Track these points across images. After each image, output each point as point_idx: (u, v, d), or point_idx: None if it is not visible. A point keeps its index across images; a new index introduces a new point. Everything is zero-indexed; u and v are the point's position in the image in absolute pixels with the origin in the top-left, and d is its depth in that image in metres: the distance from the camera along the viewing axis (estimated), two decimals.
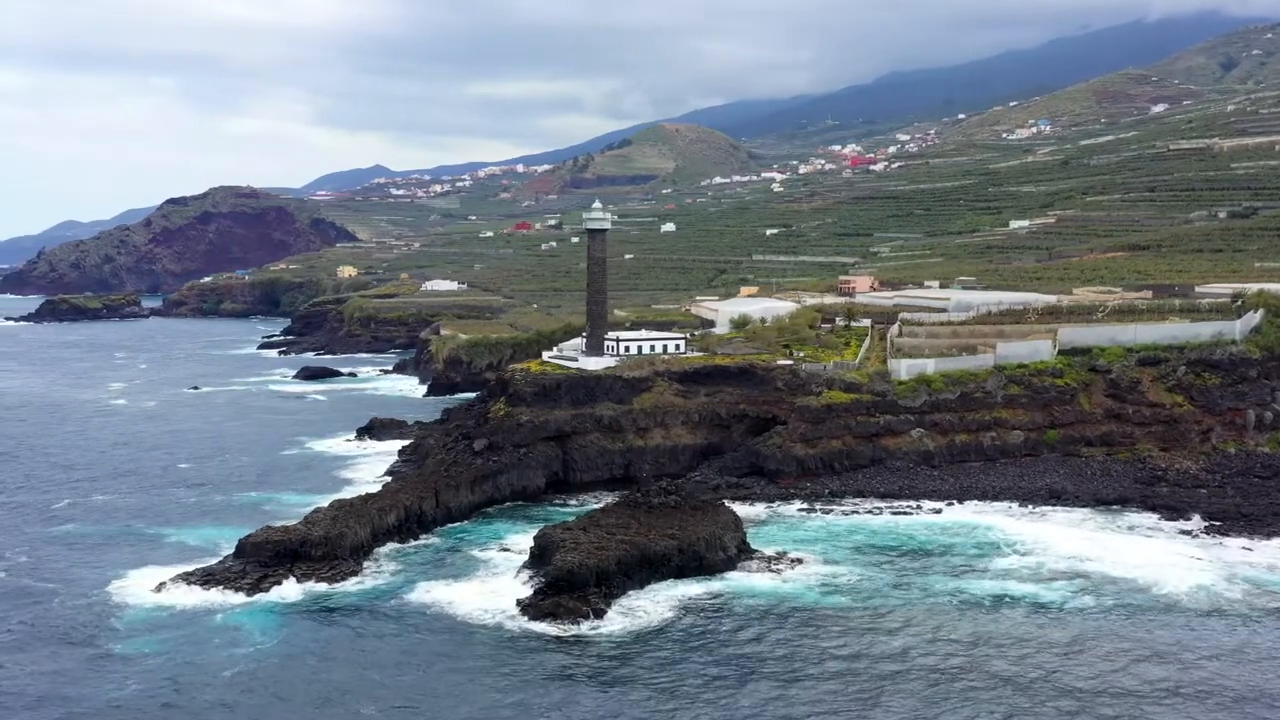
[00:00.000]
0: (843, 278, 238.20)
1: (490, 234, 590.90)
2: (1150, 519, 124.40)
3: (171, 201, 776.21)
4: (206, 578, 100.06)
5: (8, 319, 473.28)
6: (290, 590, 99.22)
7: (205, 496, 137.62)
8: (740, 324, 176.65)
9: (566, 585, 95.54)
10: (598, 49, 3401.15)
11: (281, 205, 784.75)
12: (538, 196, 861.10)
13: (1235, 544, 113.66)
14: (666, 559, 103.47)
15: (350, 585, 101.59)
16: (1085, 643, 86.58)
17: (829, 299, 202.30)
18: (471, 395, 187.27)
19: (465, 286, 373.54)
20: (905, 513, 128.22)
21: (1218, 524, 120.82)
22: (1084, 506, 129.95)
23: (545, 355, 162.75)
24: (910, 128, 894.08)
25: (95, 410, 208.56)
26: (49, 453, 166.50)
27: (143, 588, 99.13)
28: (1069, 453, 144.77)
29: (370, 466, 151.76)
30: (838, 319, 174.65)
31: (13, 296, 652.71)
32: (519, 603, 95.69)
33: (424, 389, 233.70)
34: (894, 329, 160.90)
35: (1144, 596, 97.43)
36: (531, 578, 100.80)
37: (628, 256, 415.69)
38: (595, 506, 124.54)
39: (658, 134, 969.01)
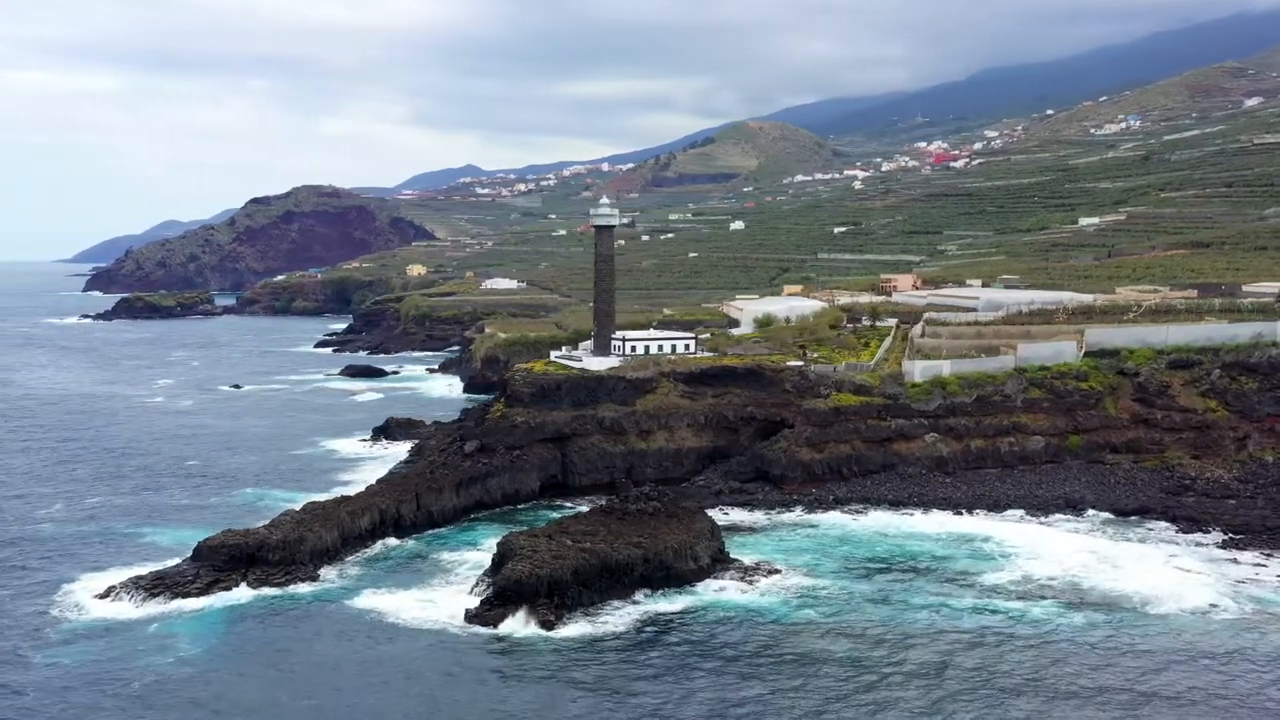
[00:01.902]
0: (884, 276, 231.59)
1: (563, 232, 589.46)
2: (1167, 531, 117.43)
3: (255, 201, 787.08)
4: (156, 582, 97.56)
5: (85, 316, 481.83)
6: (240, 596, 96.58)
7: (198, 496, 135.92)
8: (764, 323, 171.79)
9: (514, 596, 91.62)
10: (689, 47, 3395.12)
11: (362, 204, 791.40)
12: (619, 195, 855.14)
13: (1250, 559, 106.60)
14: (630, 569, 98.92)
15: (303, 590, 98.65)
16: (1044, 670, 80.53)
17: (864, 298, 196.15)
18: None
19: (524, 285, 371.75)
20: (908, 521, 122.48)
21: (1238, 537, 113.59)
22: (1102, 516, 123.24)
23: (553, 355, 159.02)
24: (999, 124, 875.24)
25: (128, 407, 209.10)
26: (59, 449, 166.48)
27: (89, 593, 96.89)
28: (1093, 460, 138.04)
29: (374, 468, 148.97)
30: (863, 318, 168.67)
31: (100, 295, 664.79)
32: (467, 612, 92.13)
33: (463, 388, 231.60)
34: (916, 329, 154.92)
35: (1131, 617, 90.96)
36: (488, 586, 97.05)
37: (692, 255, 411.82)
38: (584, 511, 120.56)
39: (741, 132, 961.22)
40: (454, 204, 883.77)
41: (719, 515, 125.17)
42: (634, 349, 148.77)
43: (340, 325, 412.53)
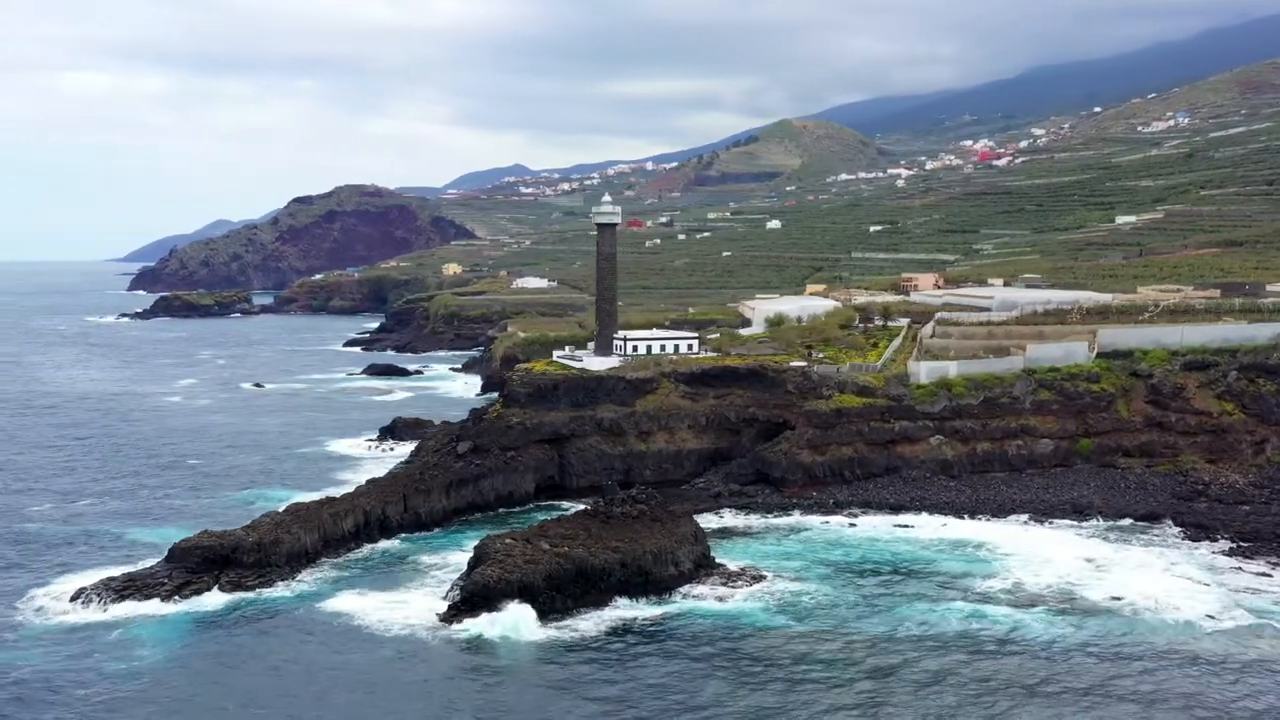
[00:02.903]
0: (905, 275, 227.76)
1: None
2: (1173, 538, 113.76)
3: (298, 200, 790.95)
4: (127, 585, 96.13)
5: (123, 315, 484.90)
6: (209, 599, 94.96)
7: (192, 496, 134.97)
8: (776, 323, 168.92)
9: (482, 601, 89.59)
10: (736, 46, 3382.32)
11: (404, 203, 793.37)
12: (661, 194, 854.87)
13: (1255, 568, 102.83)
14: (606, 574, 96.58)
15: (276, 594, 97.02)
16: (1019, 679, 77.52)
17: (882, 298, 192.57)
18: None
19: (554, 284, 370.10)
20: (906, 525, 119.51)
21: (1245, 545, 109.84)
22: (1107, 522, 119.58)
23: (555, 355, 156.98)
24: (1046, 122, 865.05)
25: (144, 406, 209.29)
26: (64, 446, 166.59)
27: (60, 595, 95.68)
28: (1104, 464, 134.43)
29: (374, 468, 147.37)
30: (875, 318, 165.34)
31: (144, 294, 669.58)
32: (436, 617, 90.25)
33: (480, 388, 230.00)
34: (926, 329, 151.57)
35: (1120, 626, 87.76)
36: (459, 590, 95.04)
37: (725, 254, 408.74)
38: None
39: (784, 130, 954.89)
40: (496, 203, 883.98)
41: (714, 519, 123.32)
42: (635, 349, 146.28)
43: (374, 324, 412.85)
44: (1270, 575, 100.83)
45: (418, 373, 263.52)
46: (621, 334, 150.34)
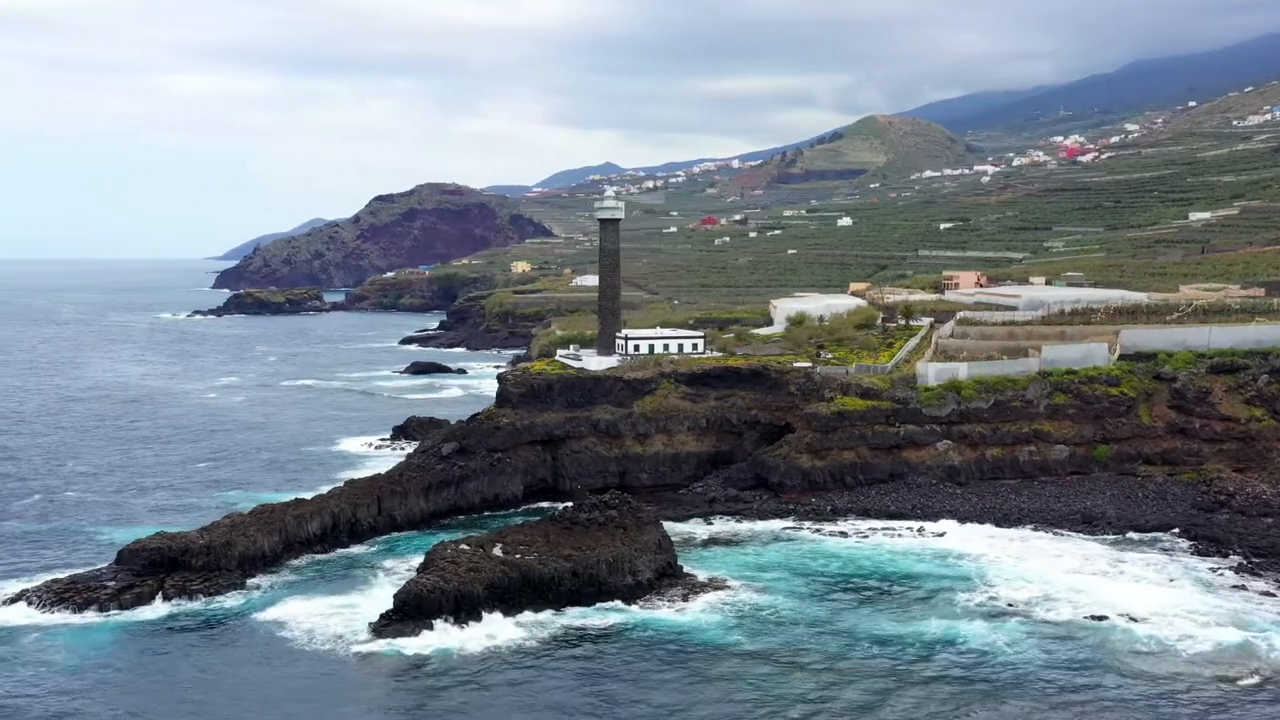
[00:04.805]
0: (947, 273, 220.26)
1: (674, 229, 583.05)
2: (1181, 552, 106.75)
3: (379, 199, 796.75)
4: (68, 588, 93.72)
5: (196, 313, 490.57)
6: (146, 606, 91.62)
7: (183, 496, 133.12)
8: (797, 321, 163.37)
9: (414, 610, 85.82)
10: (831, 43, 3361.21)
11: (483, 202, 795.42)
12: (743, 191, 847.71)
13: (1260, 587, 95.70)
14: (555, 583, 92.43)
15: (219, 600, 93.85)
16: (968, 703, 71.99)
17: (916, 297, 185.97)
18: None
19: None
20: (899, 535, 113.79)
21: (1256, 561, 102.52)
22: (1114, 534, 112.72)
23: (559, 354, 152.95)
24: (1141, 117, 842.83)
25: (175, 401, 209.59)
26: (74, 441, 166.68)
27: (2, 597, 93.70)
28: (1123, 471, 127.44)
29: (376, 468, 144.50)
30: (898, 317, 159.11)
31: (229, 291, 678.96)
32: (369, 626, 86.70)
33: None
34: (944, 328, 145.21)
35: (1091, 648, 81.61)
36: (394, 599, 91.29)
37: (790, 252, 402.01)
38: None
39: (870, 128, 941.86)
40: (577, 201, 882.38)
41: (703, 525, 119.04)
42: (637, 348, 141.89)
43: (437, 323, 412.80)
44: (1274, 595, 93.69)
45: (460, 371, 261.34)
46: (624, 333, 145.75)
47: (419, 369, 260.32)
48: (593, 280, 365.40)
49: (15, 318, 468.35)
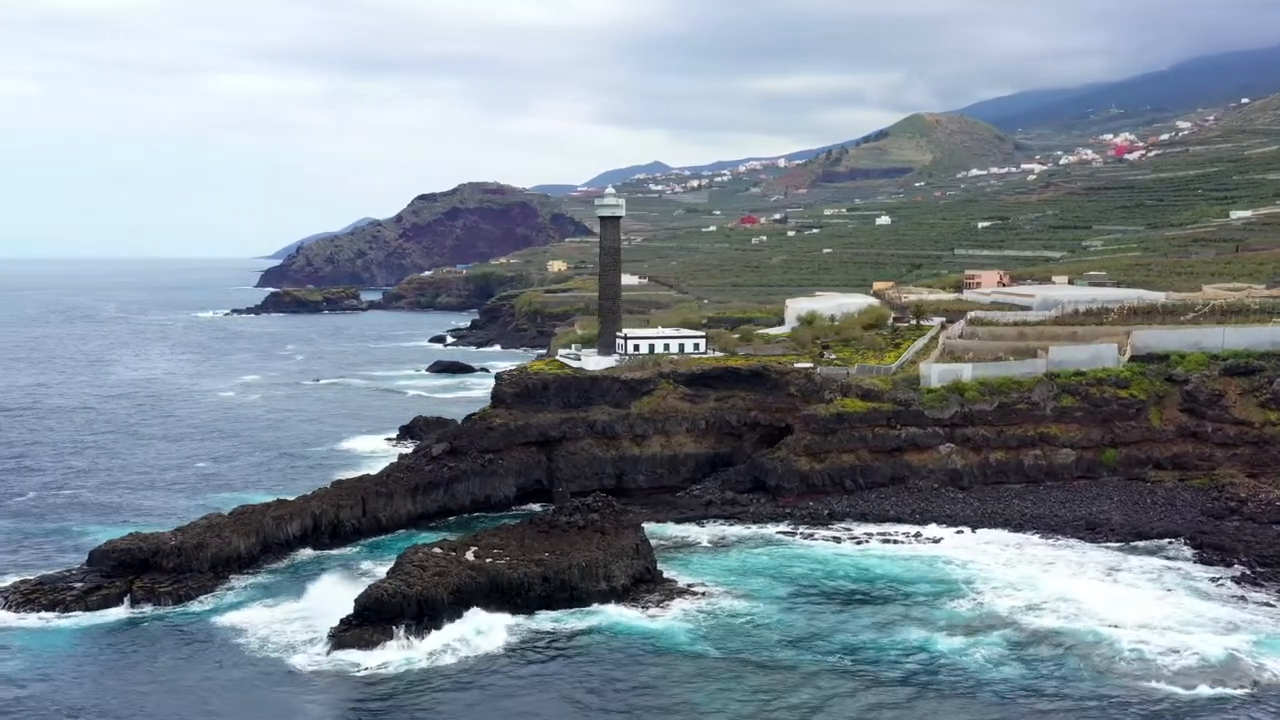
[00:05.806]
0: (968, 272, 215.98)
1: (714, 228, 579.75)
2: (1183, 560, 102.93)
3: (421, 198, 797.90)
4: (35, 589, 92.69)
5: (235, 311, 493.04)
6: (110, 609, 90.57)
7: (176, 496, 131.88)
8: (807, 321, 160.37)
9: (374, 615, 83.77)
10: (880, 41, 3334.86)
11: (525, 200, 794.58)
12: (787, 191, 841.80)
13: (1260, 598, 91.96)
14: (525, 588, 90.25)
15: (186, 604, 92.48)
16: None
17: (935, 296, 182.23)
18: None
19: (644, 281, 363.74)
20: (895, 540, 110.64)
21: (1260, 571, 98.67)
22: (1117, 541, 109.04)
23: (559, 353, 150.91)
24: (1193, 115, 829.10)
25: (192, 400, 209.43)
26: (79, 439, 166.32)
27: None
28: (1132, 476, 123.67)
29: (376, 468, 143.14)
30: (908, 317, 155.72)
31: (270, 290, 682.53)
32: (329, 631, 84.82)
33: None
34: (953, 329, 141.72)
35: (1072, 663, 78.22)
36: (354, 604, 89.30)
37: (825, 251, 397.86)
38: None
39: (916, 126, 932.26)
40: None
41: (694, 529, 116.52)
42: (637, 348, 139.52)
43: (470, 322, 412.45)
44: (1273, 605, 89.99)
45: (482, 370, 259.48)
46: (624, 332, 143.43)
47: (442, 368, 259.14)
48: (626, 279, 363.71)
49: (56, 317, 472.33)
